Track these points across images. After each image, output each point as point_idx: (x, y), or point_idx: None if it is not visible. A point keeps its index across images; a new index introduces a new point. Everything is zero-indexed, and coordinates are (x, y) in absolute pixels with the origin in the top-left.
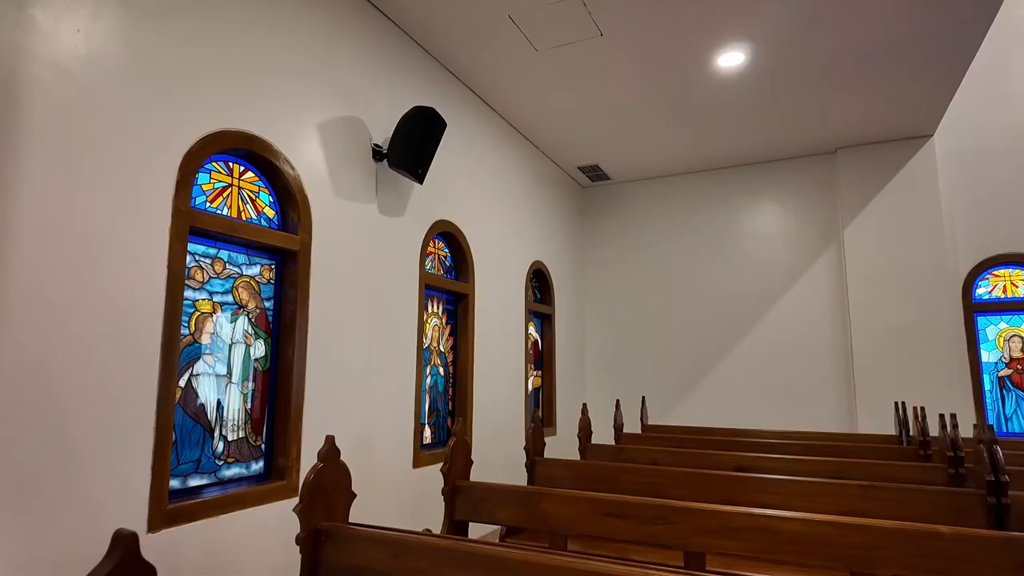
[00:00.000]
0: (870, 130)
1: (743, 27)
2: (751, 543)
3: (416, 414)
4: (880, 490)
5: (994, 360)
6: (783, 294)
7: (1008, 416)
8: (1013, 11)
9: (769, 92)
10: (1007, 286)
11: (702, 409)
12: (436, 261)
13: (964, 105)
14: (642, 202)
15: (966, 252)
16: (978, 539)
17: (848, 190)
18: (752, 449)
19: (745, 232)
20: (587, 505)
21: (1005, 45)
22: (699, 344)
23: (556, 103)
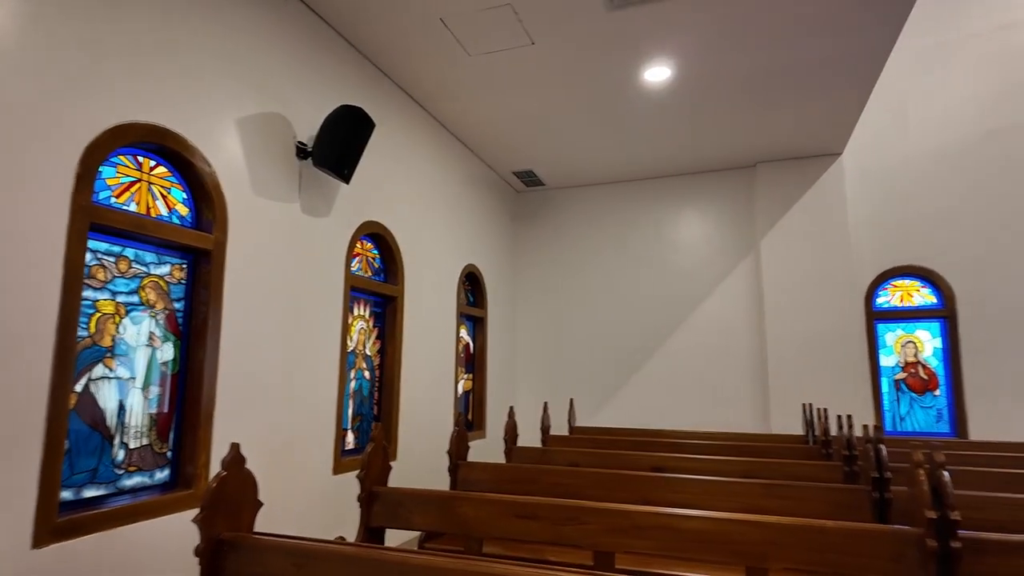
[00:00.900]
0: (786, 147)
1: (668, 44)
2: (657, 541)
3: (338, 419)
4: (782, 488)
5: (892, 364)
6: (705, 299)
7: (903, 416)
8: (915, 39)
9: (694, 107)
10: (904, 296)
11: (629, 410)
12: (364, 263)
13: (870, 126)
14: (575, 208)
15: (869, 264)
16: (859, 532)
17: (765, 202)
18: (670, 449)
19: (671, 239)
20: (502, 508)
21: (908, 72)
22: (627, 347)
23: (490, 108)
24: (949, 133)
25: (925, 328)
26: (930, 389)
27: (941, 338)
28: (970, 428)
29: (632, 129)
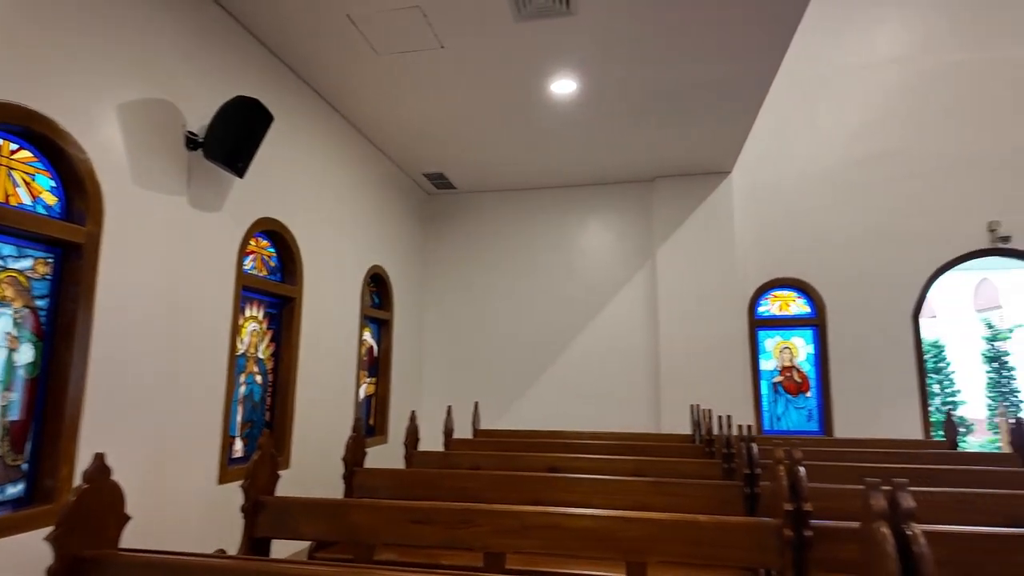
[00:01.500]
0: (682, 163)
1: (573, 59)
2: (545, 540)
3: (224, 426)
4: (665, 485)
5: (771, 368)
6: (605, 305)
7: (779, 416)
8: (796, 71)
9: (598, 121)
10: (782, 305)
11: (534, 412)
12: (259, 261)
13: (757, 149)
14: (485, 213)
15: (753, 275)
16: (728, 525)
17: (662, 215)
18: (566, 450)
19: (576, 247)
20: (395, 513)
21: (790, 101)
22: (532, 350)
23: (400, 108)
24: (823, 158)
25: (800, 335)
26: (803, 391)
27: (813, 344)
28: (836, 426)
29: (541, 138)
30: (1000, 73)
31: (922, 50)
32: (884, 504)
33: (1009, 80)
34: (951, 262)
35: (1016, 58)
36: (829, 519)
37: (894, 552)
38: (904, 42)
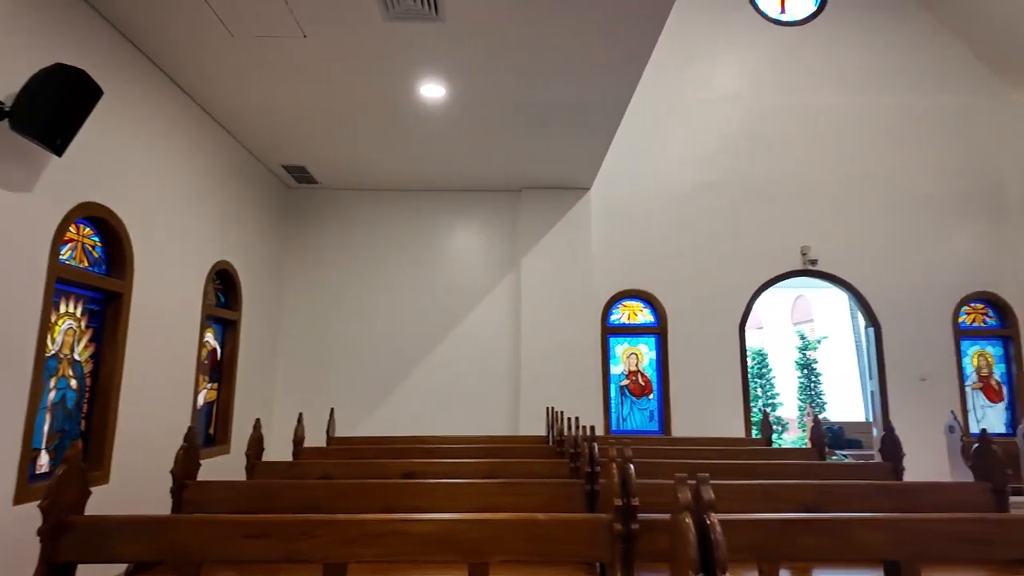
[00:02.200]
0: (546, 177)
1: (442, 65)
2: (387, 548)
3: (25, 437)
4: (514, 486)
5: (619, 373)
6: (471, 311)
7: (625, 417)
8: (651, 100)
9: (468, 129)
10: (631, 314)
11: (396, 418)
12: (79, 251)
13: (614, 169)
14: (351, 211)
15: (606, 285)
16: (564, 522)
17: (527, 225)
18: (424, 455)
19: (444, 252)
20: (227, 528)
21: (645, 126)
22: (397, 354)
23: (259, 96)
24: (669, 182)
25: (645, 342)
26: (646, 394)
27: (656, 351)
28: (673, 426)
29: (410, 140)
30: (813, 116)
31: (751, 91)
32: (689, 497)
33: (819, 122)
34: (771, 280)
35: (826, 104)
36: (657, 512)
37: (694, 539)
38: (737, 83)
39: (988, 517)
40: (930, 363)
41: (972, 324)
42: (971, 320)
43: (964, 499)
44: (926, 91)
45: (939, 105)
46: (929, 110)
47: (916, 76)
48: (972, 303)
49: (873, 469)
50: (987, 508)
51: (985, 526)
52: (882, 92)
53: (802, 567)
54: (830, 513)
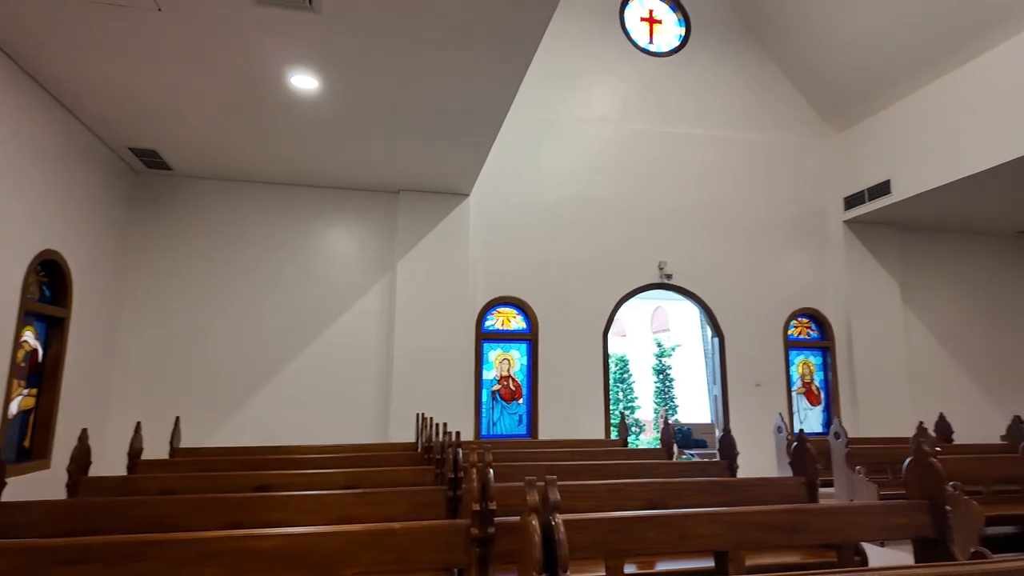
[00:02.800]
0: (425, 180)
1: (316, 56)
2: (231, 567)
3: None
4: (373, 495)
5: (491, 378)
6: (343, 314)
7: (495, 422)
8: (530, 113)
9: (343, 126)
10: (505, 321)
11: (257, 427)
12: None
13: (493, 177)
14: (211, 202)
15: (482, 291)
16: (421, 529)
17: (404, 228)
18: (281, 467)
19: (315, 251)
20: (36, 555)
21: (523, 139)
22: (258, 358)
23: (102, 70)
24: (544, 194)
25: (517, 348)
26: (516, 398)
27: (527, 357)
28: (540, 429)
29: (279, 131)
30: (672, 143)
31: (620, 115)
32: (537, 499)
33: (677, 149)
34: (632, 292)
35: (683, 133)
36: (515, 515)
37: (539, 540)
38: (609, 106)
39: (799, 507)
40: (764, 371)
41: (798, 336)
42: (798, 332)
43: (784, 492)
44: (767, 129)
45: (777, 142)
46: (769, 146)
47: (760, 115)
48: (799, 318)
49: (712, 467)
50: (802, 499)
51: (796, 516)
52: (730, 127)
53: (647, 561)
54: (671, 510)
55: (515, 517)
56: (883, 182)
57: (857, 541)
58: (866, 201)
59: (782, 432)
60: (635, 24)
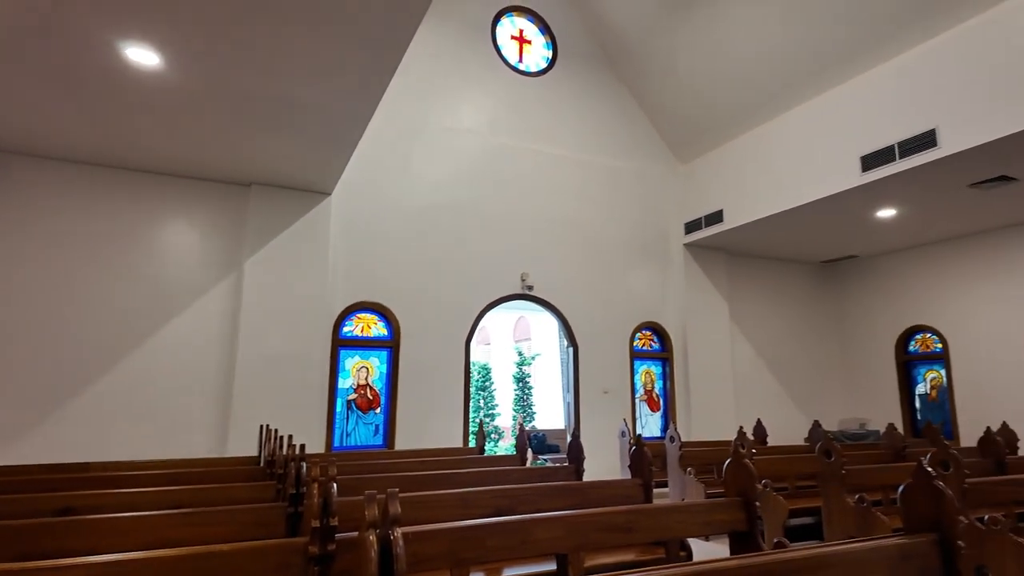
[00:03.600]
0: (283, 175)
1: (156, 30)
2: None
3: None
4: (200, 515)
5: (347, 387)
6: (176, 315)
7: (350, 432)
8: (401, 118)
9: (191, 109)
10: (364, 327)
11: (70, 440)
12: None
13: (358, 177)
14: (23, 183)
15: (341, 296)
16: (249, 551)
17: (256, 224)
18: (91, 486)
19: (147, 244)
20: None
21: (392, 143)
22: (75, 361)
23: None
24: (412, 199)
25: (377, 355)
26: (373, 408)
27: (386, 364)
28: (398, 439)
29: (110, 108)
30: (536, 160)
31: (489, 128)
32: (376, 513)
33: (541, 166)
34: (496, 301)
35: (547, 152)
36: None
37: (375, 555)
38: (478, 119)
39: (632, 508)
40: (612, 379)
41: (643, 347)
42: (642, 344)
43: (623, 493)
44: (622, 155)
45: (631, 168)
46: (623, 171)
47: (617, 142)
48: (643, 330)
49: (560, 471)
50: (638, 500)
51: (630, 516)
52: (590, 150)
53: (493, 568)
54: (518, 515)
55: (355, 533)
56: (717, 211)
57: (683, 537)
58: (703, 227)
59: (625, 436)
60: (506, 41)
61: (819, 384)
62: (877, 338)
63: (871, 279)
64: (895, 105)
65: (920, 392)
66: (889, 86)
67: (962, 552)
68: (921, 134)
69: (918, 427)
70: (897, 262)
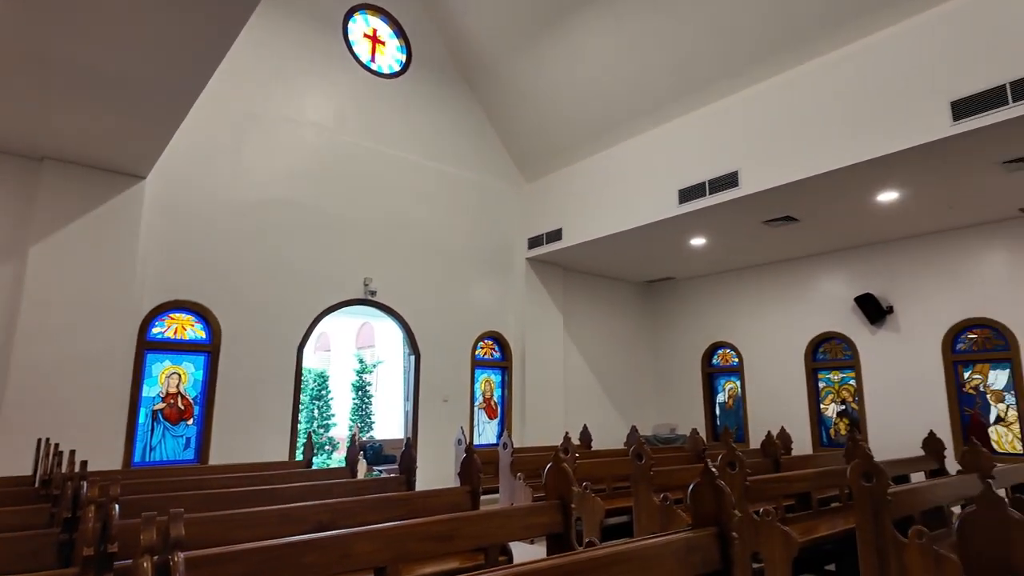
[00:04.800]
0: (84, 151)
1: None
2: None
3: None
4: None
5: (153, 395)
6: None
7: (154, 446)
8: (235, 104)
9: None
10: (179, 329)
11: None
12: None
13: (179, 162)
14: None
15: (152, 293)
16: None
17: (46, 205)
18: None
19: None
20: None
21: (222, 125)
22: None
23: None
24: (243, 192)
25: (192, 360)
26: (185, 419)
27: (203, 371)
28: (214, 453)
29: None
30: (385, 163)
31: (336, 124)
32: (153, 536)
33: (390, 169)
34: (335, 305)
35: (397, 155)
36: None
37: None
38: (324, 113)
39: (453, 516)
40: (453, 387)
41: (484, 356)
42: (484, 353)
43: (451, 501)
44: (471, 167)
45: (479, 180)
46: (472, 182)
47: (467, 153)
48: (486, 340)
49: (391, 482)
50: (466, 507)
51: (451, 524)
52: (440, 159)
53: None
54: (336, 530)
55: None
56: (557, 229)
57: (504, 542)
58: (544, 244)
59: (461, 444)
60: (359, 39)
61: (639, 392)
62: (687, 352)
63: (684, 299)
64: (709, 147)
65: (720, 400)
66: (704, 129)
67: (735, 542)
68: (726, 175)
69: (718, 431)
70: (705, 285)
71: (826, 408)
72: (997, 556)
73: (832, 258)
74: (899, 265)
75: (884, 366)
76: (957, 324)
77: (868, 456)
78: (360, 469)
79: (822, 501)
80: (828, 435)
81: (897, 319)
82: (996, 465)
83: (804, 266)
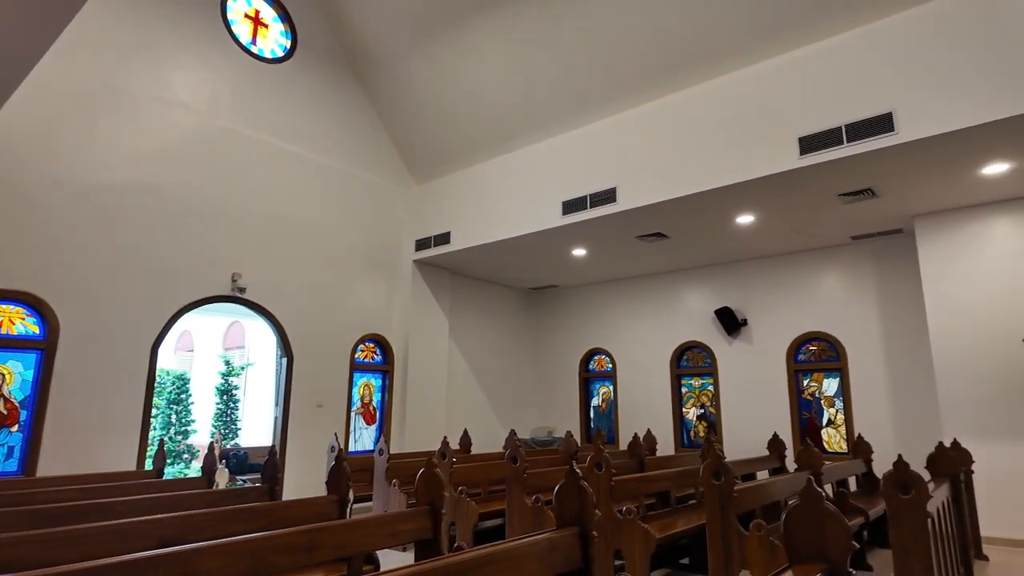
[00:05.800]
0: None
1: None
2: None
3: None
4: None
5: None
6: None
7: None
8: (90, 75)
9: None
10: (7, 323)
11: None
12: None
13: (19, 132)
14: None
15: None
16: None
17: None
18: None
19: None
20: None
21: (76, 103)
22: None
23: None
24: (93, 173)
25: (19, 359)
26: (8, 424)
27: (35, 370)
28: (44, 462)
29: None
30: (262, 152)
31: (209, 108)
32: None
33: (267, 160)
34: (197, 301)
35: (276, 146)
36: None
37: None
38: (196, 95)
39: (314, 526)
40: (329, 391)
41: (364, 359)
42: (364, 356)
43: (317, 511)
44: (358, 164)
45: (366, 178)
46: (358, 180)
47: (353, 150)
48: (367, 342)
49: (252, 492)
50: (333, 516)
51: (312, 535)
52: (324, 153)
53: None
54: (182, 546)
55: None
56: (446, 233)
57: (370, 550)
58: (432, 247)
59: (335, 451)
60: (238, 18)
61: (520, 396)
62: (567, 357)
63: (565, 307)
64: (591, 163)
65: (595, 404)
66: (588, 146)
67: (595, 541)
68: (606, 190)
69: (591, 434)
70: (585, 294)
71: (688, 411)
72: (815, 544)
73: (697, 273)
74: (753, 282)
75: (738, 373)
76: (799, 337)
77: (718, 456)
78: (221, 479)
79: (680, 499)
80: (689, 437)
81: (750, 331)
82: (825, 463)
83: (672, 279)
